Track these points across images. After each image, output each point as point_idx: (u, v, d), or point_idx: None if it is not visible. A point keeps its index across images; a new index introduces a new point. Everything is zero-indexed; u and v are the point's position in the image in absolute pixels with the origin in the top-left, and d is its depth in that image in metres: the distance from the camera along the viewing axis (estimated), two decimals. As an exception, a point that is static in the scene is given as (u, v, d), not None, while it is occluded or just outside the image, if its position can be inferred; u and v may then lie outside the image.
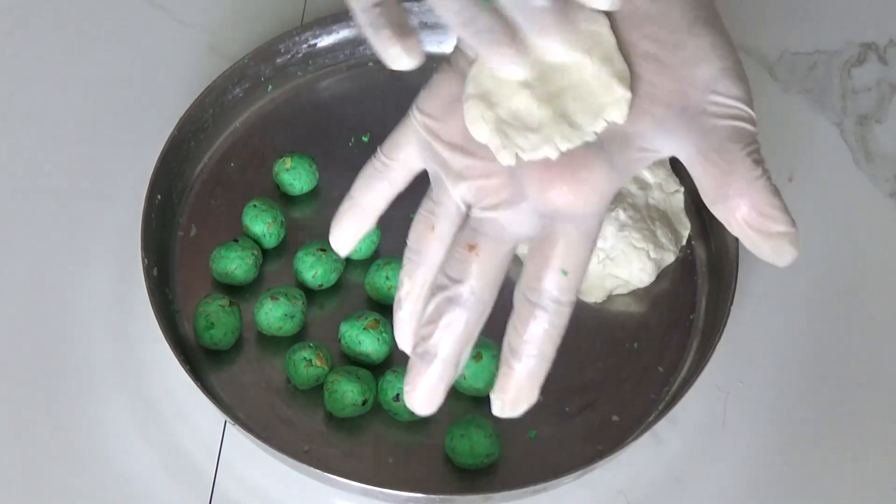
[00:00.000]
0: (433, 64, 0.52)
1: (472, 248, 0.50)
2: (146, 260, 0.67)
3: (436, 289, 0.50)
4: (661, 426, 0.65)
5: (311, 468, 0.61)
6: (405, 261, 0.52)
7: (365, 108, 0.77)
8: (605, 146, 0.49)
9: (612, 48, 0.49)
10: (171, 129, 0.72)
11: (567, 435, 0.66)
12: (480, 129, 0.50)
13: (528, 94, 0.50)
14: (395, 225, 0.60)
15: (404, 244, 0.53)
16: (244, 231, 0.71)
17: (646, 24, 0.49)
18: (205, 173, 0.75)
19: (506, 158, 0.49)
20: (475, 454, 0.63)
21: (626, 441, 0.64)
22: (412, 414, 0.64)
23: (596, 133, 0.49)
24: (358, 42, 0.78)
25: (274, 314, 0.67)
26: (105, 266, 0.72)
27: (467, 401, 0.67)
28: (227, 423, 0.65)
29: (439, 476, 0.64)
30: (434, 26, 0.77)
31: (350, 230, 0.55)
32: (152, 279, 0.67)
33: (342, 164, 0.75)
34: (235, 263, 0.69)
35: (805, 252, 0.73)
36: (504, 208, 0.50)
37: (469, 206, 0.51)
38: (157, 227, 0.70)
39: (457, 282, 0.50)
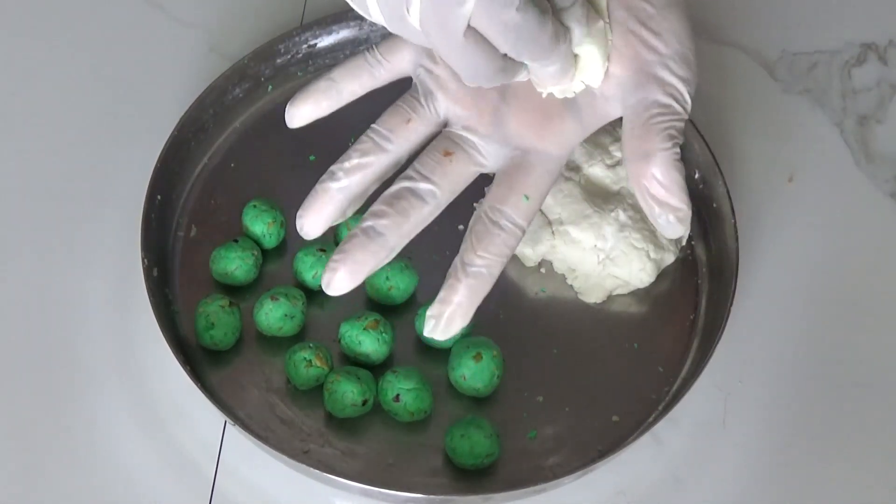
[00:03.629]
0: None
1: (447, 154, 0.55)
2: (146, 260, 0.67)
3: (400, 178, 0.56)
4: (661, 426, 0.65)
5: (311, 468, 0.61)
6: (363, 139, 0.57)
7: (365, 109, 0.77)
8: (578, 102, 0.56)
9: (602, 17, 0.54)
10: (171, 129, 0.71)
11: (567, 435, 0.66)
12: None
13: None
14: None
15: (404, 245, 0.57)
16: (244, 231, 0.71)
17: None
18: (205, 173, 0.74)
19: None
20: (475, 454, 0.63)
21: (626, 441, 0.64)
22: (412, 414, 0.65)
23: (575, 92, 0.56)
24: (358, 42, 0.78)
25: (274, 314, 0.67)
26: (105, 266, 0.72)
27: (467, 401, 0.67)
28: (227, 423, 0.65)
29: (439, 476, 0.64)
30: None
31: (318, 106, 0.59)
32: (152, 279, 0.67)
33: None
34: (235, 264, 0.69)
35: (805, 252, 0.75)
36: (483, 132, 0.57)
37: (447, 124, 0.57)
38: (157, 227, 0.70)
39: (425, 178, 0.55)
